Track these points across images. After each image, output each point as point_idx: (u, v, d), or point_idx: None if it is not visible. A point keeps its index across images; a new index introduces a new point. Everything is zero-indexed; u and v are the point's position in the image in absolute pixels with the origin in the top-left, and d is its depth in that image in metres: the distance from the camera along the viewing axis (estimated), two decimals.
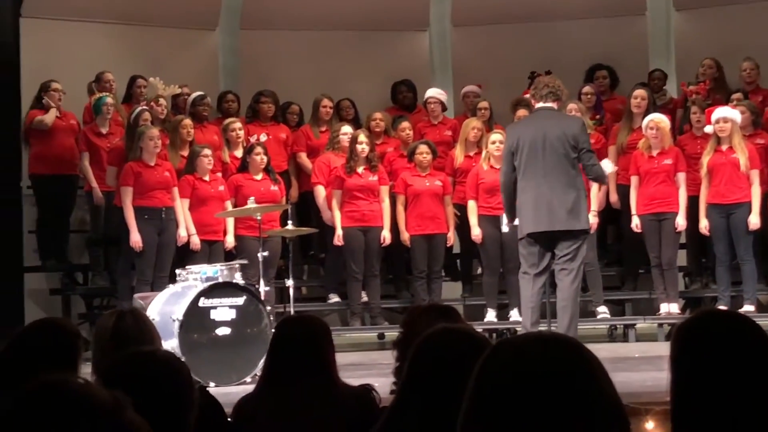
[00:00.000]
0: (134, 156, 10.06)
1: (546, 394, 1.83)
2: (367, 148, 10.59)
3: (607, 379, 1.91)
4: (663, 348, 9.45)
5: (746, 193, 10.22)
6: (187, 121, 10.74)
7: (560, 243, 8.40)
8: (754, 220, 10.20)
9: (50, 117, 11.04)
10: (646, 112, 10.74)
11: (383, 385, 3.96)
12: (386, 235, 10.72)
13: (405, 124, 11.45)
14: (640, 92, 11.00)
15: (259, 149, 10.42)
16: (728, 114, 10.25)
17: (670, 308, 10.55)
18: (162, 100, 11.19)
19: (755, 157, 10.25)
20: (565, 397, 1.84)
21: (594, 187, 10.32)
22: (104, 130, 11.04)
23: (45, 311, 11.27)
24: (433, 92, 11.93)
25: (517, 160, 8.44)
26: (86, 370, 3.64)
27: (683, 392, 2.26)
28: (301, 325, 4.11)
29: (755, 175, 10.23)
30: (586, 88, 11.49)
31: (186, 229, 10.16)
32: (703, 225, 10.37)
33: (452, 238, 10.96)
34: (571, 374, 1.87)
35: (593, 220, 10.25)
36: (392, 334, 10.82)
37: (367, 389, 4.01)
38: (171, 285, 8.94)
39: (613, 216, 11.19)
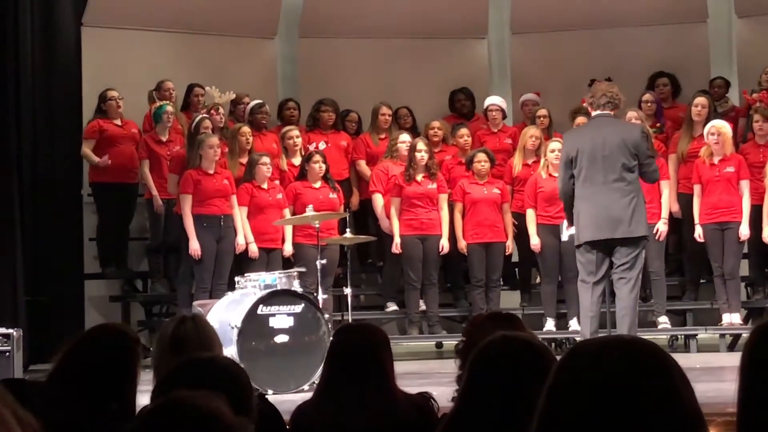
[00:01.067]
0: (194, 164, 10.12)
1: (626, 397, 1.80)
2: (426, 156, 10.58)
3: (687, 384, 1.88)
4: (725, 359, 9.39)
5: None
6: (246, 129, 10.79)
7: (618, 251, 8.35)
8: None
9: (95, 159, 11.08)
10: (707, 120, 10.64)
11: (442, 394, 3.94)
12: (444, 244, 10.70)
13: (463, 131, 11.42)
14: (700, 100, 10.89)
15: (317, 157, 10.44)
16: None
17: (732, 318, 10.42)
18: (220, 108, 11.25)
19: None
20: (645, 400, 1.80)
21: (665, 193, 10.29)
22: (164, 138, 11.12)
23: (105, 318, 11.36)
24: (495, 100, 11.90)
25: (576, 168, 8.40)
26: (146, 377, 3.66)
27: (751, 402, 2.22)
28: (359, 333, 4.09)
29: None
30: (647, 96, 11.40)
31: (244, 237, 10.20)
32: (766, 234, 10.24)
33: (511, 246, 10.91)
34: (652, 378, 1.84)
35: (663, 228, 10.21)
36: (450, 343, 10.82)
37: (426, 397, 3.99)
38: (230, 292, 8.97)
39: (675, 225, 11.08)
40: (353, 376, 3.91)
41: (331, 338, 4.45)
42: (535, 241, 10.60)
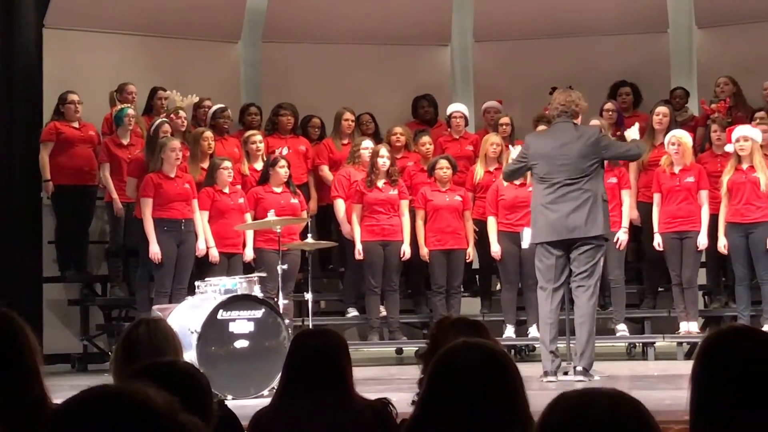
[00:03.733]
0: (155, 167, 10.07)
1: None
2: (387, 163, 10.59)
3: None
4: (682, 366, 9.46)
5: (766, 212, 10.14)
6: (208, 134, 10.76)
7: (577, 259, 8.43)
8: None
9: (48, 174, 11.01)
10: (668, 129, 10.73)
11: (401, 399, 3.94)
12: (406, 250, 10.71)
13: (425, 138, 11.45)
14: (661, 109, 11.01)
15: (283, 162, 10.43)
16: (749, 133, 10.20)
17: (690, 327, 10.50)
18: (182, 112, 11.21)
19: None
20: None
21: (626, 202, 10.38)
22: (125, 141, 11.07)
23: (63, 322, 11.31)
24: (458, 107, 11.93)
25: (535, 175, 8.52)
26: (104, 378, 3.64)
27: (703, 409, 2.24)
28: (318, 338, 4.08)
29: None
30: (608, 105, 11.48)
31: (205, 242, 10.17)
32: (722, 244, 10.32)
33: (471, 253, 10.94)
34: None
35: (623, 236, 10.31)
36: (410, 349, 10.86)
37: (384, 403, 3.98)
38: (190, 297, 8.94)
39: (634, 233, 11.15)
40: (312, 381, 3.90)
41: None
42: (495, 249, 10.63)
